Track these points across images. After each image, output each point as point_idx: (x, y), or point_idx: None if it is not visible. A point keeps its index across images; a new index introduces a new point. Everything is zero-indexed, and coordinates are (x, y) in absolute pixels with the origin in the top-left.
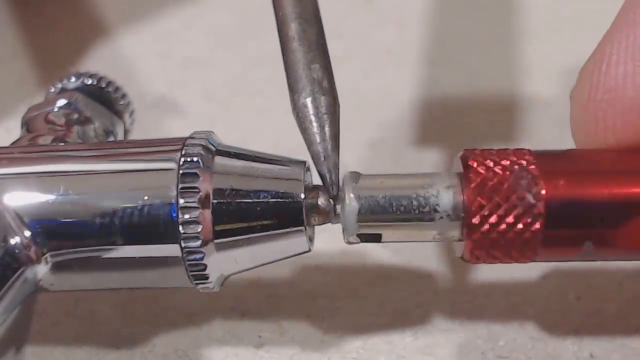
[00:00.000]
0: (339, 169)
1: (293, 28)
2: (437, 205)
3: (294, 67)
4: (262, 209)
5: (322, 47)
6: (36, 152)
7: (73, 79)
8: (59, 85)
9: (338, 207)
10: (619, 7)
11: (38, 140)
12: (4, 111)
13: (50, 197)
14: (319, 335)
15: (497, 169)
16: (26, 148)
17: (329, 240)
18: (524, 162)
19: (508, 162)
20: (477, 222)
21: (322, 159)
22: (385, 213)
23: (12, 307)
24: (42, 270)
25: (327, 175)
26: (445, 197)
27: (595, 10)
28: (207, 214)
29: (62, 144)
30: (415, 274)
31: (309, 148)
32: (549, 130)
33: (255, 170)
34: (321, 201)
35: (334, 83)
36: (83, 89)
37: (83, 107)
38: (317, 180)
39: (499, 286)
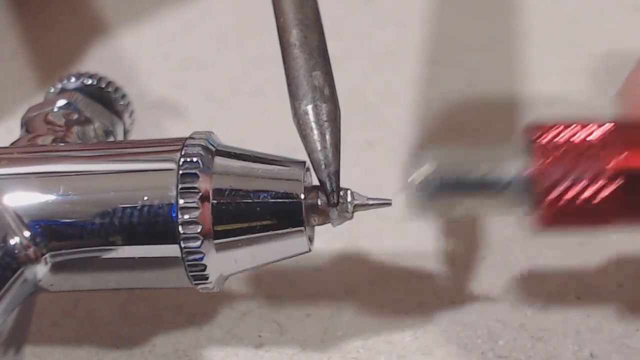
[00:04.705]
0: (339, 176)
1: (294, 34)
2: (506, 175)
3: (295, 74)
4: (262, 209)
5: (323, 54)
6: (36, 152)
7: (73, 79)
8: (59, 86)
9: (335, 212)
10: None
11: (38, 141)
12: (4, 111)
13: (49, 198)
14: (319, 335)
15: (568, 134)
16: (26, 148)
17: (329, 240)
18: (598, 128)
19: (579, 127)
20: (547, 185)
21: (323, 166)
22: (457, 187)
23: (12, 307)
24: (41, 270)
25: (328, 183)
26: (513, 167)
27: (595, 10)
28: (207, 214)
29: (62, 144)
30: (415, 274)
31: (309, 155)
32: None
33: (255, 171)
34: (321, 201)
35: (336, 90)
36: (83, 89)
37: (83, 107)
38: (317, 181)
39: (499, 286)
